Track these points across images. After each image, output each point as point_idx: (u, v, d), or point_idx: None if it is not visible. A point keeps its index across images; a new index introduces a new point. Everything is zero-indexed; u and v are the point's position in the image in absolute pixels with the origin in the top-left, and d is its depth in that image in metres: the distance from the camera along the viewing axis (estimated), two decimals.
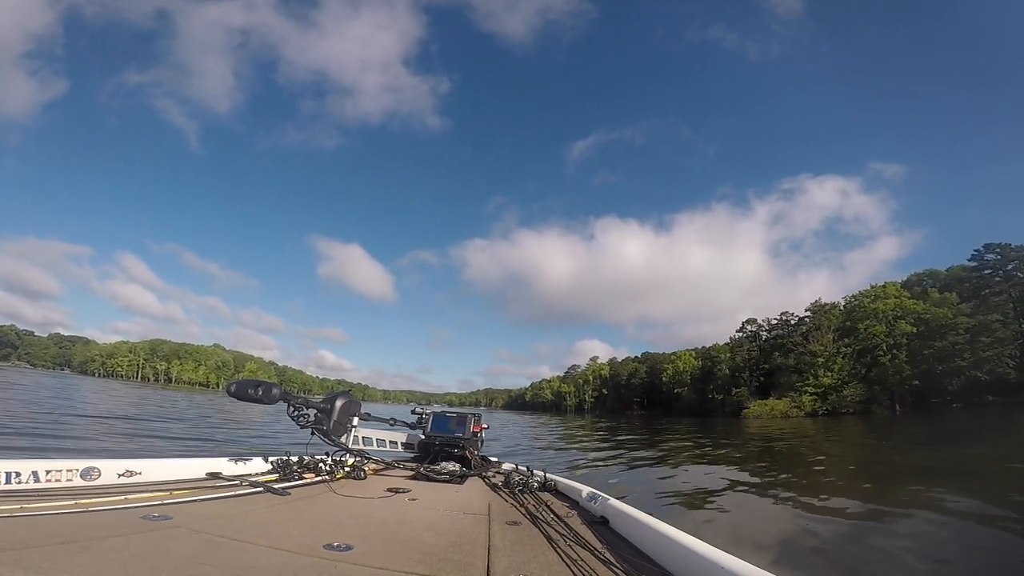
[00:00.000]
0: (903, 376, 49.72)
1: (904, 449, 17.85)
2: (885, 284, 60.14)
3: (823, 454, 16.61)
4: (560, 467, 11.36)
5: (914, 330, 50.53)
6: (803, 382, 55.68)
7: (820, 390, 54.03)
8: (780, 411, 53.04)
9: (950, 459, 13.82)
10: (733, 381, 77.56)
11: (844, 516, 6.71)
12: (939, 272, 64.90)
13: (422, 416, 4.51)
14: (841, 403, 51.15)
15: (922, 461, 13.53)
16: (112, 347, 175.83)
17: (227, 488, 2.57)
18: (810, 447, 19.20)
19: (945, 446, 18.44)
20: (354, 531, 1.98)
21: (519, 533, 2.11)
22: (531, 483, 3.19)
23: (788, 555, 5.15)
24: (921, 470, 11.60)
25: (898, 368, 50.38)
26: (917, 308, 52.33)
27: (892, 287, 58.79)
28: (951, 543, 5.43)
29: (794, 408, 53.01)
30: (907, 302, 54.03)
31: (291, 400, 3.08)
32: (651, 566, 1.66)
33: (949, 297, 52.83)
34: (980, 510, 6.78)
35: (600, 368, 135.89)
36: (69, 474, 2.29)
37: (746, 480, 10.23)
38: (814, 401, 53.20)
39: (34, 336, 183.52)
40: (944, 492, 7.91)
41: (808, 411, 52.39)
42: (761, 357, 75.71)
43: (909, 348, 50.71)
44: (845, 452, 17.66)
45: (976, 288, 53.17)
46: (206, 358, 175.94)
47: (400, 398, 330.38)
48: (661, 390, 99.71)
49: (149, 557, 1.41)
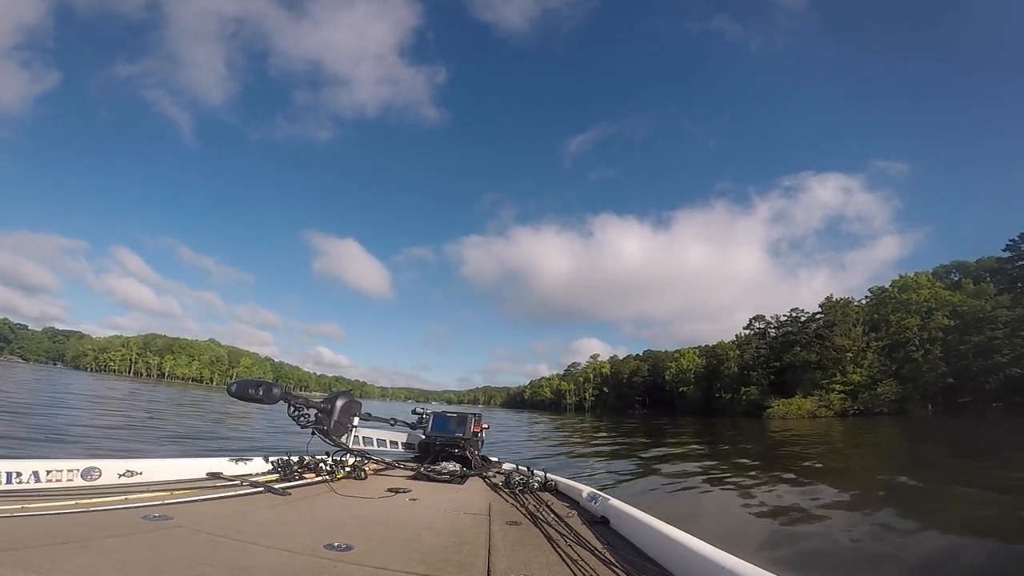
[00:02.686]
0: (939, 373, 45.38)
1: (988, 462, 13.71)
2: (916, 274, 55.86)
3: (911, 474, 11.93)
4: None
5: (952, 323, 46.08)
6: (829, 379, 51.23)
7: (849, 388, 49.65)
8: (807, 411, 48.69)
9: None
10: (742, 380, 75.42)
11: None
12: (968, 263, 60.94)
13: (422, 416, 4.48)
14: (874, 402, 46.80)
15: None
16: (105, 341, 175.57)
17: (228, 488, 2.57)
18: (882, 464, 14.90)
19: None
20: (355, 531, 1.98)
21: (519, 533, 2.11)
22: (531, 483, 3.19)
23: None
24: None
25: (933, 364, 46.03)
26: (953, 299, 47.98)
27: (924, 277, 54.46)
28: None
29: (822, 407, 48.61)
30: (942, 292, 49.63)
31: (292, 400, 3.06)
32: (652, 566, 1.65)
33: (986, 288, 48.71)
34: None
35: (601, 366, 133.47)
36: (70, 474, 2.28)
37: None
38: (843, 400, 48.83)
39: (28, 330, 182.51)
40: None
41: (838, 411, 48.05)
42: (771, 355, 73.74)
43: (944, 343, 46.50)
44: (924, 468, 13.29)
45: (1012, 279, 49.64)
46: (200, 353, 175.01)
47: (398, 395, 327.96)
48: (664, 389, 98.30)
49: (150, 557, 1.42)
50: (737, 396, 72.89)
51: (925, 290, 50.99)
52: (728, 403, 74.71)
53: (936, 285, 52.05)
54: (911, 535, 5.89)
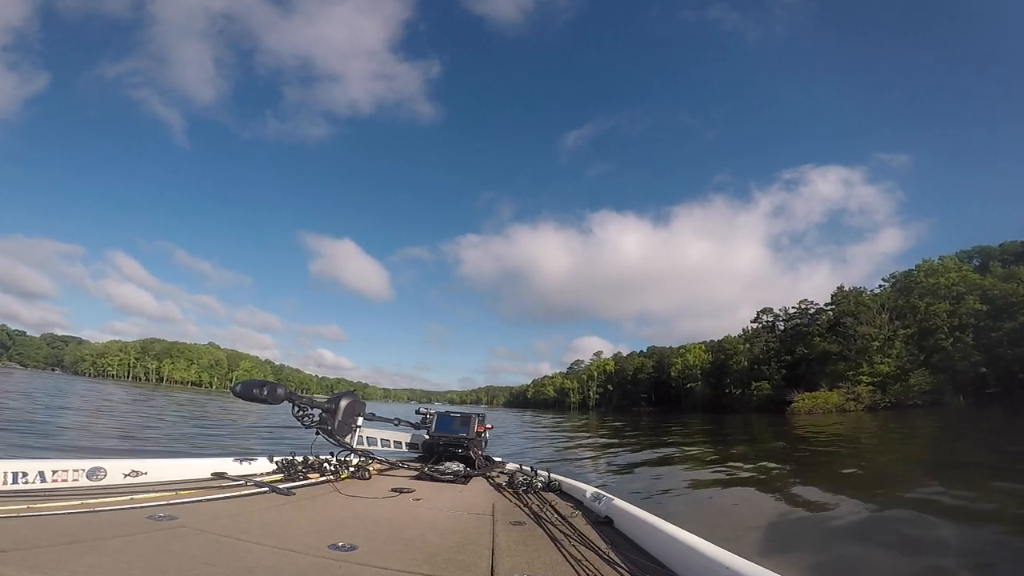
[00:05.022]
0: (972, 362, 42.51)
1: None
2: (941, 258, 52.92)
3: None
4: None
5: (984, 308, 43.21)
6: (855, 371, 48.27)
7: (877, 379, 46.69)
8: (834, 404, 45.64)
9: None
10: (752, 374, 73.19)
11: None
12: (991, 248, 58.09)
13: (426, 416, 4.37)
14: (906, 394, 43.75)
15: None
16: (103, 347, 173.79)
17: (232, 488, 2.57)
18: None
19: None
20: (359, 531, 1.97)
21: (523, 533, 2.10)
22: (535, 483, 3.14)
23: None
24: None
25: (965, 352, 43.11)
26: (984, 283, 45.07)
27: (950, 260, 51.52)
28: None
29: (850, 401, 45.55)
30: (971, 275, 46.72)
31: (296, 400, 3.07)
32: (656, 566, 1.65)
33: (1018, 271, 45.75)
34: None
35: (605, 363, 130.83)
36: (75, 474, 2.29)
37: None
38: (873, 392, 45.79)
39: (26, 336, 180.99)
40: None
41: (867, 404, 45.02)
42: (782, 348, 71.80)
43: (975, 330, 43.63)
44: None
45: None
46: (198, 357, 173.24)
47: (401, 396, 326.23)
48: (670, 385, 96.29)
49: (155, 557, 1.42)
50: (749, 391, 70.69)
51: (954, 273, 48.10)
52: (739, 398, 72.55)
53: (965, 269, 49.14)
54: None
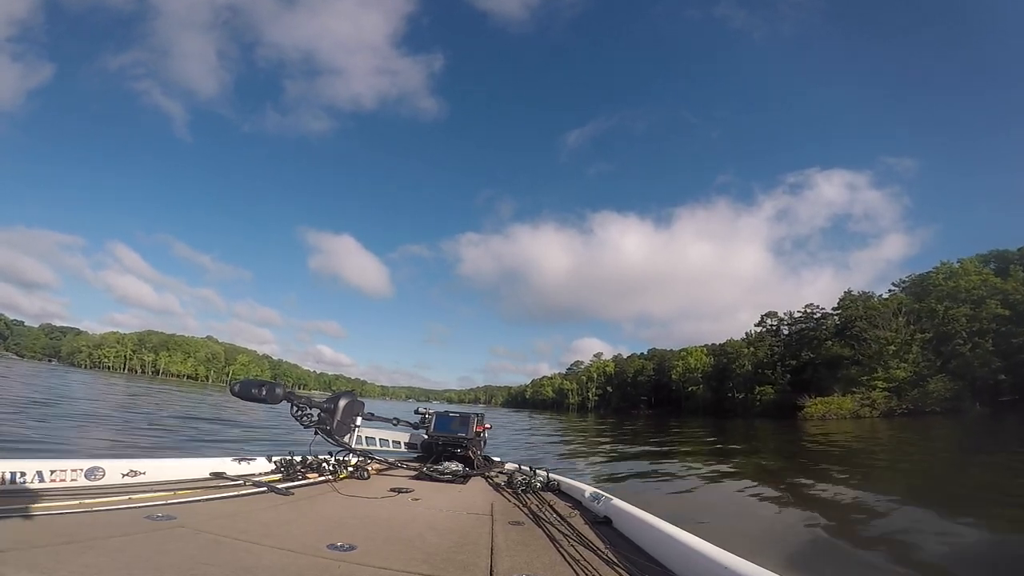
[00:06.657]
0: (992, 368, 40.53)
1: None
2: (960, 260, 50.81)
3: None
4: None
5: (1007, 312, 41.20)
6: (870, 376, 46.19)
7: (893, 385, 44.65)
8: (848, 410, 43.62)
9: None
10: (756, 378, 71.51)
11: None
12: (1010, 252, 55.63)
13: (425, 416, 4.38)
14: (924, 400, 41.74)
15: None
16: (100, 338, 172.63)
17: (231, 488, 2.56)
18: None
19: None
20: (357, 531, 1.97)
21: (522, 533, 2.10)
22: (534, 483, 3.16)
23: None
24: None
25: (985, 359, 41.14)
26: (1006, 288, 43.02)
27: (970, 263, 49.47)
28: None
29: (865, 407, 43.55)
30: (992, 279, 44.71)
31: (295, 400, 3.01)
32: (654, 566, 1.65)
33: None
34: None
35: (605, 365, 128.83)
36: (73, 474, 2.26)
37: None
38: (889, 399, 43.76)
39: (24, 326, 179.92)
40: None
41: (883, 410, 42.97)
42: (787, 352, 70.44)
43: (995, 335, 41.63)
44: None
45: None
46: (195, 350, 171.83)
47: (399, 394, 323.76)
48: (670, 388, 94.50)
49: (153, 557, 1.42)
50: (752, 395, 69.04)
51: (974, 276, 46.06)
52: (742, 403, 70.92)
53: (986, 272, 47.08)
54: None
